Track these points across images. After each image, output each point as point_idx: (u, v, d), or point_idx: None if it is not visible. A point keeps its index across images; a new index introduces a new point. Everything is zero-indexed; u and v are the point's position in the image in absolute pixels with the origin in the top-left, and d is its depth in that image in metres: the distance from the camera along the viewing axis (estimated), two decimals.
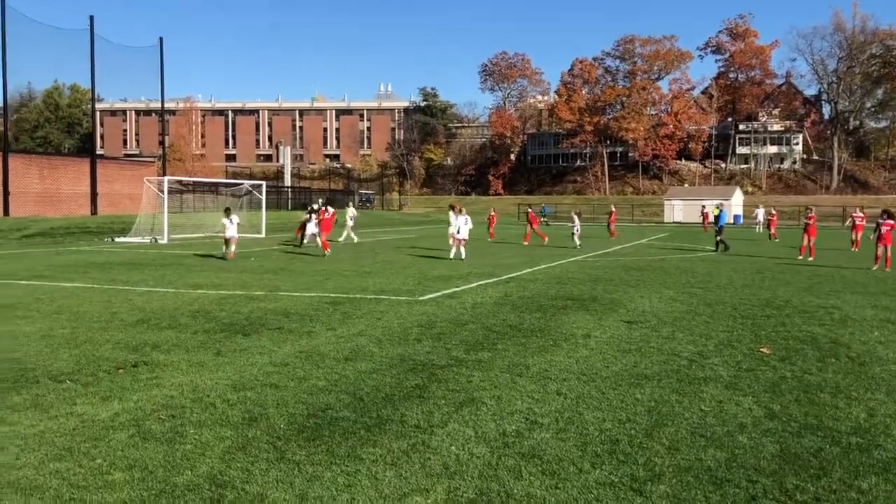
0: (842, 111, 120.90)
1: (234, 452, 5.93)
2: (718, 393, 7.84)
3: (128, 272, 20.54)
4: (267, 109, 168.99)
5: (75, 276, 19.34)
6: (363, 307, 13.88)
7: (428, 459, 5.82)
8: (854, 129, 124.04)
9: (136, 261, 24.61)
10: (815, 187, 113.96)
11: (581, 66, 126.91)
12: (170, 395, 7.60)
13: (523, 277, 19.64)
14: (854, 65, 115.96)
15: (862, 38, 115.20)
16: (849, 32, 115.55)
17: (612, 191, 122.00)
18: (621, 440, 6.30)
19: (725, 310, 13.85)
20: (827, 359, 9.57)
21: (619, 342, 10.62)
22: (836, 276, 20.36)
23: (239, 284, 17.54)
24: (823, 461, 5.86)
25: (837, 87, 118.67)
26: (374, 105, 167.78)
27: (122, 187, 58.28)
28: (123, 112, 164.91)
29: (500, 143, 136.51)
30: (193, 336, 10.86)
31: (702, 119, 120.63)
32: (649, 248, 34.31)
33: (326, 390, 7.81)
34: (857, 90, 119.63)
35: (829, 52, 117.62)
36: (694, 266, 23.63)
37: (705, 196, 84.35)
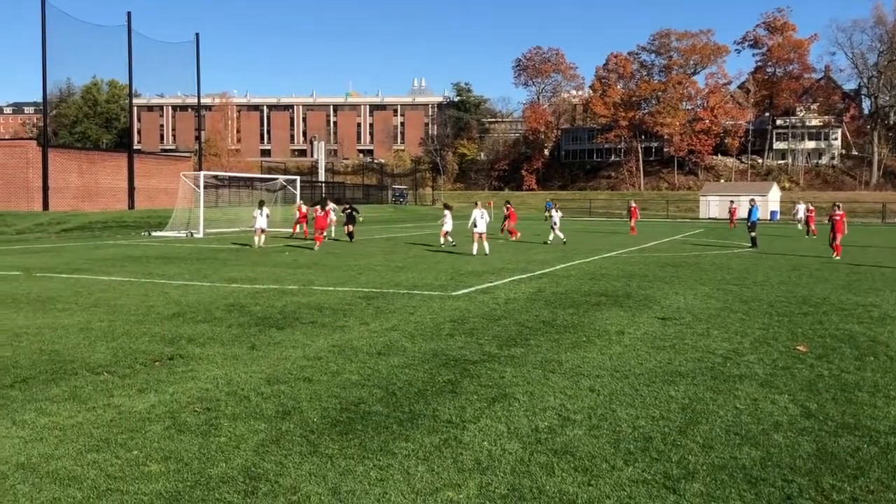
0: (882, 106, 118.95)
1: (268, 445, 5.98)
2: (754, 391, 7.75)
3: (164, 266, 20.78)
4: (301, 105, 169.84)
5: (113, 270, 19.60)
6: (396, 302, 13.91)
7: (460, 455, 5.82)
8: (894, 124, 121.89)
9: (172, 255, 24.89)
10: (854, 183, 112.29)
11: (616, 61, 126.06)
12: (205, 388, 7.68)
13: (557, 273, 19.58)
14: (895, 59, 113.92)
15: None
16: (890, 26, 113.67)
17: (646, 186, 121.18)
18: (655, 438, 6.25)
19: (761, 307, 13.70)
20: (865, 357, 9.43)
21: (653, 339, 10.54)
22: (875, 274, 20.04)
23: (273, 279, 17.67)
24: (861, 461, 5.77)
25: (878, 82, 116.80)
26: (407, 100, 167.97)
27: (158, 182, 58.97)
28: (160, 107, 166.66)
29: (534, 138, 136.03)
30: (228, 330, 10.97)
31: (738, 114, 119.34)
32: (684, 244, 34.01)
33: (359, 384, 7.85)
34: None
35: (870, 46, 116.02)
36: (730, 263, 23.39)
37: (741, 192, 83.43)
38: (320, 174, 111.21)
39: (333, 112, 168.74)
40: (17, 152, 50.72)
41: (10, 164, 49.91)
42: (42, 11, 48.59)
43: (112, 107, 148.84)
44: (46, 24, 48.90)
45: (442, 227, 28.83)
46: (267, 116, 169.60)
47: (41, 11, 48.56)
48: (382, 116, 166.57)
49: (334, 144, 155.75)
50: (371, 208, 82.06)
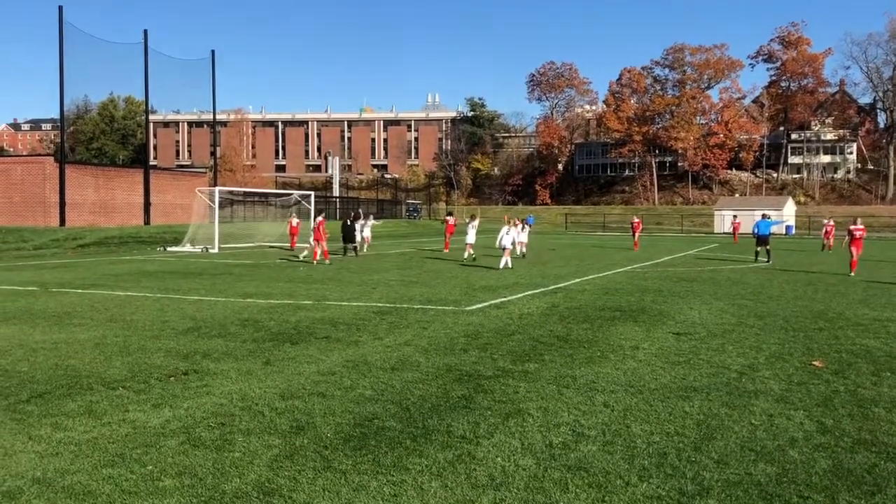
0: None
1: (282, 460, 5.99)
2: (769, 406, 7.71)
3: (179, 281, 20.87)
4: (316, 121, 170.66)
5: (129, 285, 19.71)
6: (409, 317, 13.92)
7: (474, 471, 5.81)
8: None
9: (187, 270, 25.01)
10: (870, 197, 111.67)
11: (629, 76, 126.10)
12: (219, 403, 7.71)
13: (571, 288, 19.54)
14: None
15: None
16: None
17: (661, 201, 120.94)
18: (669, 453, 6.23)
19: (777, 322, 13.63)
20: (882, 372, 9.36)
21: (668, 354, 10.50)
22: (892, 289, 19.90)
23: (287, 294, 17.72)
24: (878, 477, 5.73)
25: (893, 96, 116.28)
26: (421, 115, 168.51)
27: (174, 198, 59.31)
28: (176, 124, 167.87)
29: (548, 152, 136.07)
30: (243, 345, 11.00)
31: (753, 128, 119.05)
32: (698, 259, 33.89)
33: (373, 400, 7.85)
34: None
35: (885, 60, 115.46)
36: (745, 277, 23.28)
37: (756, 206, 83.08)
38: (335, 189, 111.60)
39: (348, 127, 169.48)
40: (35, 168, 51.12)
41: (28, 180, 50.30)
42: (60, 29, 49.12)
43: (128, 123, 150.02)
44: (64, 42, 49.41)
45: (466, 240, 29.92)
46: (282, 132, 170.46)
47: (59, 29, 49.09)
48: (396, 132, 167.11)
49: (349, 160, 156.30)
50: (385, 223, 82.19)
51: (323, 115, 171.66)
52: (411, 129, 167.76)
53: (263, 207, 60.66)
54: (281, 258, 31.08)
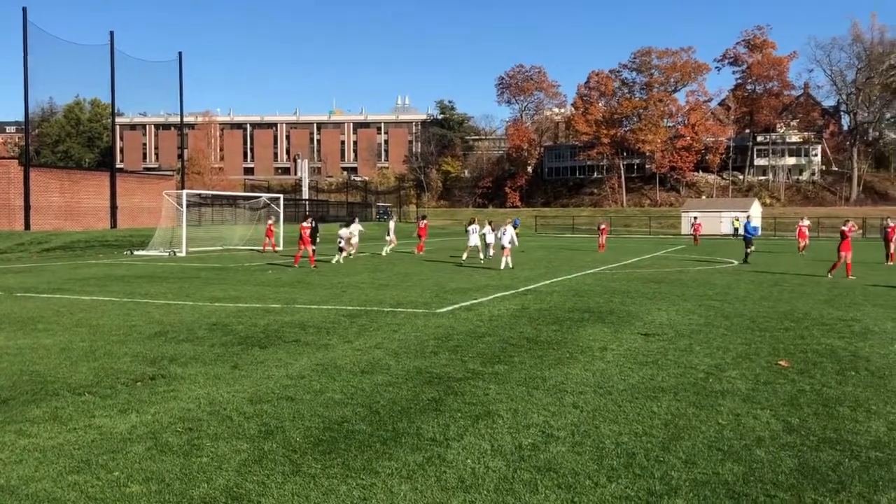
0: (861, 122, 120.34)
1: (251, 465, 5.95)
2: (736, 406, 7.79)
3: (146, 285, 20.67)
4: (285, 123, 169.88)
5: (95, 290, 19.49)
6: (380, 320, 13.90)
7: (444, 473, 5.81)
8: (873, 141, 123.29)
9: (154, 274, 24.78)
10: (835, 199, 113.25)
11: (597, 79, 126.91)
12: (187, 408, 7.64)
13: (540, 290, 19.61)
14: (873, 75, 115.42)
15: (881, 48, 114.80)
16: (867, 43, 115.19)
17: (629, 203, 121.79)
18: (638, 454, 6.27)
19: (743, 322, 13.77)
20: (846, 372, 9.49)
21: (636, 355, 10.58)
22: (856, 289, 20.19)
23: (256, 297, 17.62)
24: (842, 475, 5.81)
25: (856, 98, 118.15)
26: (391, 118, 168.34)
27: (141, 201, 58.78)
28: (143, 126, 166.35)
29: (517, 155, 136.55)
30: (211, 349, 10.92)
31: (719, 131, 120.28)
32: (666, 260, 34.17)
33: (343, 403, 7.83)
34: (876, 101, 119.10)
35: (848, 63, 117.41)
36: (712, 278, 23.51)
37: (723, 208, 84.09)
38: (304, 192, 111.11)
39: (317, 130, 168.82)
40: None
41: None
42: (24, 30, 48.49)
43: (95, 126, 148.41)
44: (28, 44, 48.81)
45: (468, 243, 30.76)
46: (250, 135, 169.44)
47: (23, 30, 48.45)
48: (366, 134, 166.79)
49: (318, 162, 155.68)
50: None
51: (292, 118, 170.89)
52: (381, 132, 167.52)
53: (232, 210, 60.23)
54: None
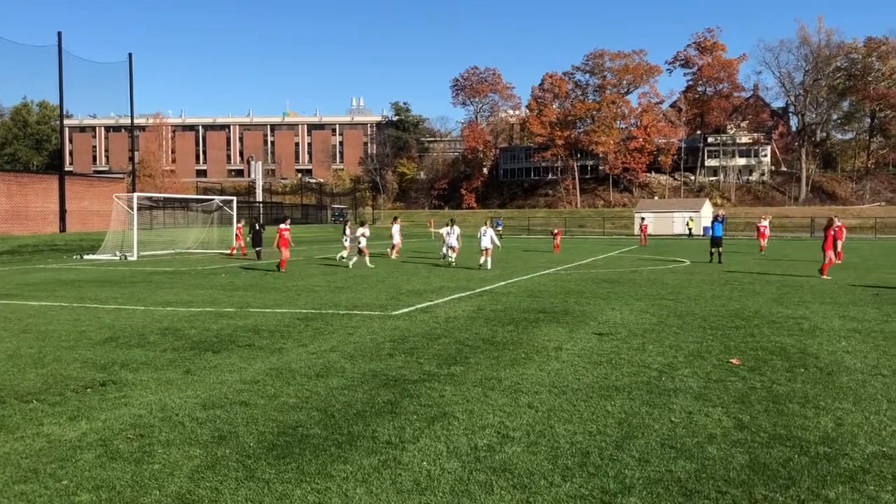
0: (809, 123, 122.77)
1: (203, 471, 5.88)
2: (688, 404, 7.88)
3: (96, 290, 20.33)
4: (238, 124, 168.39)
5: (43, 295, 19.11)
6: (335, 323, 13.83)
7: (399, 476, 5.80)
8: (821, 141, 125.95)
9: (105, 278, 24.37)
10: (784, 199, 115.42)
11: (551, 81, 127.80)
12: (138, 415, 7.52)
13: (496, 291, 19.67)
14: (820, 77, 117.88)
15: (827, 51, 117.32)
16: (814, 46, 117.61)
17: (583, 203, 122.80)
18: (592, 453, 6.31)
19: (695, 321, 13.95)
20: (796, 369, 9.65)
21: (591, 354, 10.65)
22: (805, 287, 20.57)
23: (209, 301, 17.42)
24: (792, 471, 5.90)
25: (804, 100, 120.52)
26: (346, 119, 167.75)
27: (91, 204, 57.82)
28: (93, 128, 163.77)
29: (473, 157, 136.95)
30: (162, 354, 10.77)
31: (671, 132, 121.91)
32: (620, 260, 34.50)
33: (297, 407, 7.77)
34: (824, 102, 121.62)
35: (796, 66, 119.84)
36: (664, 278, 23.79)
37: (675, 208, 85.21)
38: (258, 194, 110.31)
39: (271, 131, 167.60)
40: None
41: None
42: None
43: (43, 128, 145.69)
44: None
45: (449, 244, 30.47)
46: (203, 136, 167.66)
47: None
48: (321, 136, 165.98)
49: (272, 164, 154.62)
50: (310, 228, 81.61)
51: (245, 119, 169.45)
52: (336, 133, 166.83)
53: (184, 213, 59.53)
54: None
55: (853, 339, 12.01)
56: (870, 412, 7.57)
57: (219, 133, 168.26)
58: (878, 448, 6.45)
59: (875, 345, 11.44)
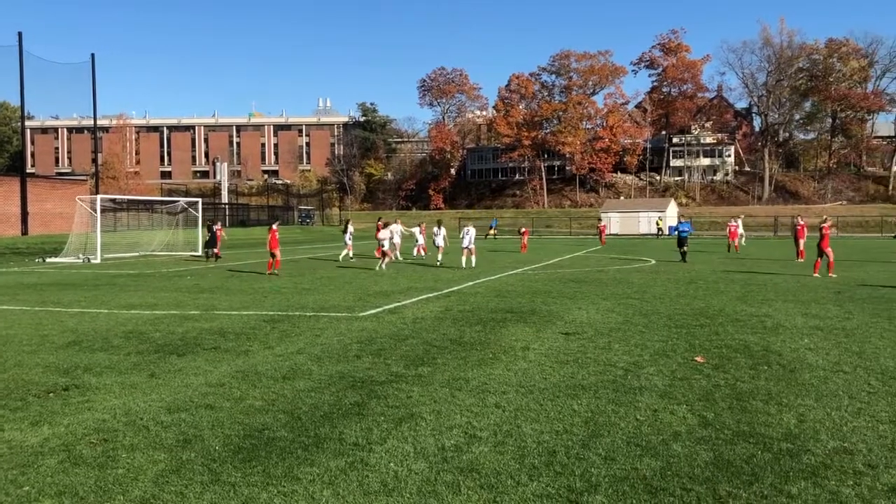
0: (772, 123, 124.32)
1: (168, 475, 5.82)
2: (654, 402, 7.95)
3: (59, 293, 20.06)
4: (203, 125, 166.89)
5: (4, 299, 18.82)
6: (302, 325, 13.76)
7: (366, 477, 5.79)
8: (784, 141, 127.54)
9: (67, 281, 24.05)
10: (748, 198, 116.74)
11: (518, 82, 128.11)
12: (102, 419, 7.43)
13: (464, 291, 19.70)
14: (782, 78, 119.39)
15: (789, 52, 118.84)
16: (777, 47, 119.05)
17: (550, 204, 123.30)
18: (558, 451, 6.35)
19: (660, 320, 14.07)
20: (759, 366, 9.77)
21: (558, 354, 10.71)
22: (768, 285, 20.83)
23: (174, 304, 17.26)
24: (755, 467, 5.98)
25: (767, 100, 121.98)
26: (312, 120, 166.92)
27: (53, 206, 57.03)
28: (55, 130, 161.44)
29: (440, 157, 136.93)
30: (126, 358, 10.65)
31: (636, 133, 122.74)
32: (587, 260, 34.70)
33: (263, 410, 7.72)
34: (786, 103, 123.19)
35: (759, 66, 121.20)
36: (630, 277, 23.97)
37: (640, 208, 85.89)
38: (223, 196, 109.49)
39: (236, 132, 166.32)
40: None
41: None
42: None
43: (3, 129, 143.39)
44: None
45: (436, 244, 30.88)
46: (167, 138, 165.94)
47: None
48: (287, 137, 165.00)
49: (238, 165, 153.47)
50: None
51: (210, 120, 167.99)
52: (302, 134, 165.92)
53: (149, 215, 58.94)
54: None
55: (815, 336, 12.20)
56: (831, 408, 7.69)
57: (183, 134, 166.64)
58: (839, 443, 6.56)
59: (836, 342, 11.62)
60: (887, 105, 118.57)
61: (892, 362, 9.99)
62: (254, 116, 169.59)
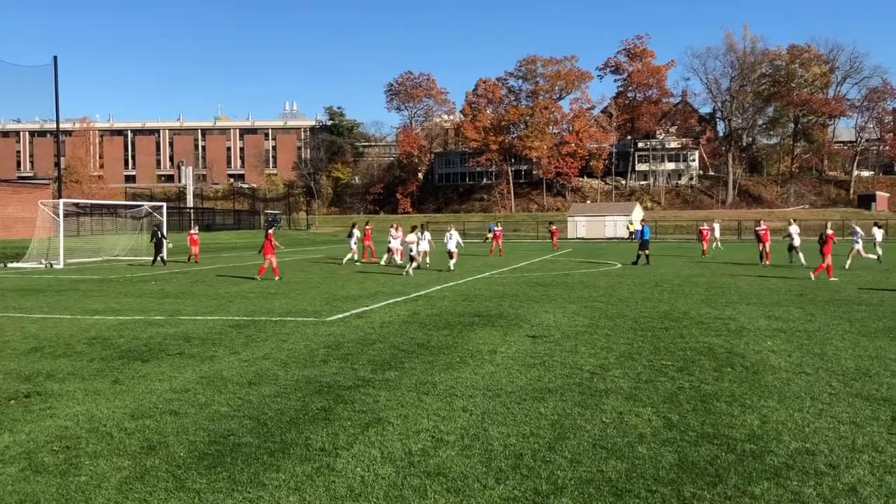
0: (735, 128, 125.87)
1: (132, 483, 5.76)
2: (619, 405, 8.01)
3: (21, 299, 19.76)
4: (168, 129, 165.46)
5: None
6: (268, 329, 13.68)
7: (332, 483, 5.77)
8: (747, 146, 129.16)
9: (30, 287, 23.70)
10: (712, 202, 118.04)
11: (485, 86, 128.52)
12: (64, 426, 7.34)
13: (431, 295, 19.70)
14: (746, 84, 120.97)
15: (752, 58, 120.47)
16: (740, 53, 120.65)
17: (517, 208, 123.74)
18: (525, 454, 6.37)
19: (626, 323, 14.18)
20: (723, 368, 9.88)
21: (524, 357, 10.75)
22: (732, 288, 21.06)
23: (138, 309, 17.08)
24: (719, 468, 6.04)
25: (731, 106, 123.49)
26: (279, 124, 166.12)
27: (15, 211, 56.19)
28: (17, 133, 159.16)
29: (408, 161, 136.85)
30: (90, 364, 10.52)
31: (602, 137, 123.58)
32: (553, 263, 34.86)
33: (229, 416, 7.67)
34: (749, 108, 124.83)
35: (723, 72, 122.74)
36: (596, 281, 24.12)
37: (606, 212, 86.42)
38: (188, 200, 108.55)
39: (202, 136, 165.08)
40: None
41: None
42: None
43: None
44: None
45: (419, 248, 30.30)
46: (132, 141, 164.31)
47: None
48: (253, 140, 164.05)
49: (203, 169, 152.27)
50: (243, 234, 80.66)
51: (175, 124, 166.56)
52: (269, 138, 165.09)
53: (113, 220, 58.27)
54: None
55: (778, 338, 12.35)
56: (794, 410, 7.80)
57: (148, 138, 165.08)
58: (801, 444, 6.65)
59: (799, 344, 11.78)
60: (848, 110, 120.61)
61: (853, 363, 10.15)
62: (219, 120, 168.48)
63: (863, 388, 8.71)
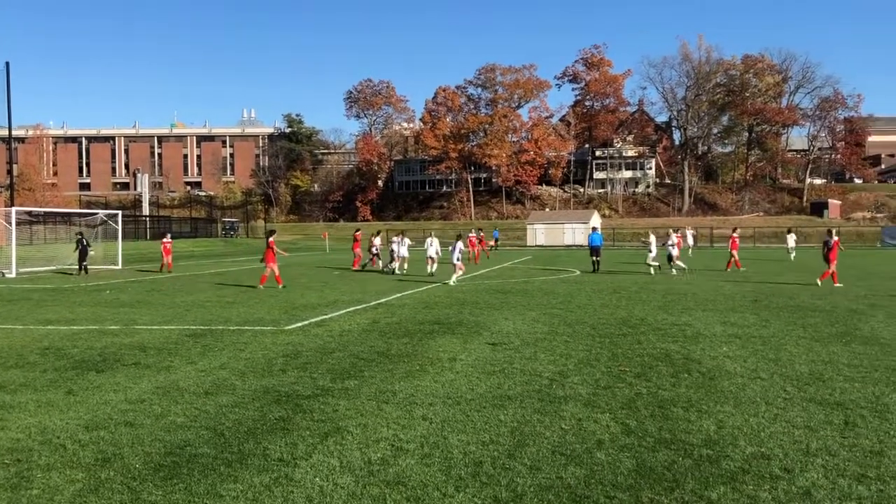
0: (691, 137, 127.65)
1: (86, 495, 5.66)
2: (578, 411, 8.05)
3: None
4: (123, 136, 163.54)
5: None
6: (225, 339, 13.54)
7: (291, 493, 5.72)
8: (703, 154, 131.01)
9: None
10: (668, 209, 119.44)
11: (445, 94, 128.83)
12: (16, 438, 7.19)
13: (391, 303, 19.66)
14: (701, 93, 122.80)
15: (707, 67, 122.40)
16: (695, 62, 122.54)
17: (477, 215, 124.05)
18: (485, 462, 6.37)
19: (585, 329, 14.27)
20: (680, 374, 9.98)
21: (484, 364, 10.76)
22: (688, 295, 21.31)
23: (92, 319, 16.80)
24: (677, 473, 6.10)
25: (686, 114, 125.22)
26: (237, 131, 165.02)
27: None
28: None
29: (368, 169, 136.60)
30: (42, 375, 10.32)
31: (561, 145, 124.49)
32: (513, 270, 35.00)
33: (185, 426, 7.57)
34: (705, 117, 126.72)
35: (678, 81, 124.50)
36: (555, 288, 24.25)
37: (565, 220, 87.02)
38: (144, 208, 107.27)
39: (158, 143, 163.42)
40: None
41: None
42: None
43: None
44: None
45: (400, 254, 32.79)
46: (86, 148, 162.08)
47: None
48: (211, 148, 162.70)
49: (159, 177, 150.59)
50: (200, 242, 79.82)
51: (131, 131, 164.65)
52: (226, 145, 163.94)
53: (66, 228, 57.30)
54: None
55: (733, 344, 12.52)
56: (749, 414, 7.90)
57: (103, 145, 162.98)
58: (756, 449, 6.74)
59: (754, 349, 11.95)
60: (800, 119, 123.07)
61: (807, 368, 10.32)
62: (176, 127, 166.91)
63: (816, 393, 8.86)
